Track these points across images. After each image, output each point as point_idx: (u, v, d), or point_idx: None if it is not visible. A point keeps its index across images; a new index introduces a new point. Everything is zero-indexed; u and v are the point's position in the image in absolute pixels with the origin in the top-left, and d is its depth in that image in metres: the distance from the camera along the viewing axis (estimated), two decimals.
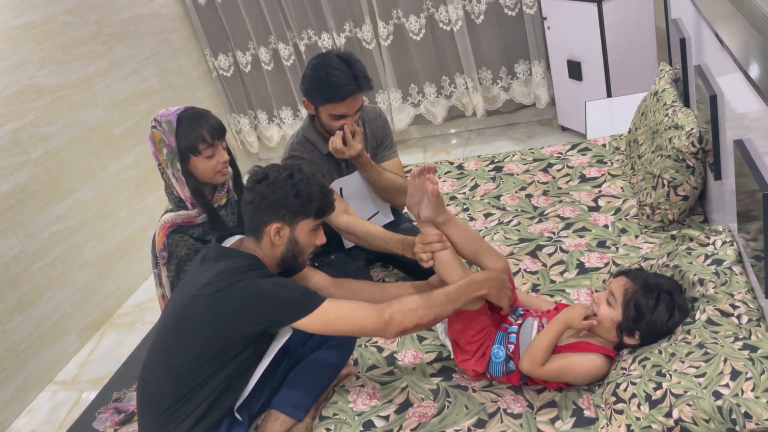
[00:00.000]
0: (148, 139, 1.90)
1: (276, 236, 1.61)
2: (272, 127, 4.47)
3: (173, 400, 1.59)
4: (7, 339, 2.70)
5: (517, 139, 3.97)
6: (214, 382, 1.59)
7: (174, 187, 1.90)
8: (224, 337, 1.55)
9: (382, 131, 2.26)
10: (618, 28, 3.24)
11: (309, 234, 1.66)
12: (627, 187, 2.41)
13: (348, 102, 1.99)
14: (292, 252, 1.65)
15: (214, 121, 1.89)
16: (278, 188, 1.59)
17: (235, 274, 1.55)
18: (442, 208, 1.75)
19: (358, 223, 2.04)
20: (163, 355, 1.62)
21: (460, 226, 1.78)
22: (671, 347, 1.44)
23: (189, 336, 1.57)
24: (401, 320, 1.55)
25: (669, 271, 1.69)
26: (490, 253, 1.75)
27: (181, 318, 1.58)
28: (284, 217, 1.60)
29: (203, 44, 4.26)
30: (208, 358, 1.57)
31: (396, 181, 2.20)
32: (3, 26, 2.85)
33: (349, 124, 2.03)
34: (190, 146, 1.85)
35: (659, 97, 2.32)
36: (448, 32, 3.83)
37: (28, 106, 2.93)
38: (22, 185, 2.84)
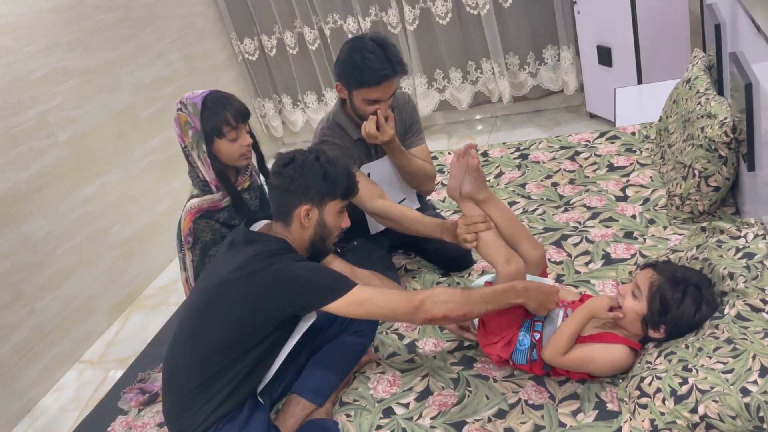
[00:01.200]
0: (174, 121, 1.91)
1: (305, 218, 1.62)
2: (297, 111, 4.46)
3: (198, 382, 1.60)
4: (35, 318, 2.75)
5: (544, 126, 3.91)
6: (240, 365, 1.60)
7: (199, 169, 1.91)
8: (254, 320, 1.56)
9: (410, 117, 2.24)
10: (650, 12, 3.16)
11: (336, 216, 1.67)
12: (656, 177, 2.36)
13: (383, 87, 1.97)
14: (321, 235, 1.66)
15: (238, 105, 1.90)
16: (306, 171, 1.60)
17: (267, 258, 1.56)
18: (483, 184, 1.74)
19: (393, 206, 2.02)
20: (190, 338, 1.63)
21: (501, 206, 1.76)
22: (698, 342, 1.41)
23: (218, 319, 1.58)
24: (430, 308, 1.55)
25: (698, 264, 1.66)
26: (528, 240, 1.73)
27: (210, 301, 1.60)
28: (313, 199, 1.61)
29: (229, 28, 4.26)
30: (235, 341, 1.58)
31: (424, 168, 2.19)
32: (32, 9, 2.88)
33: (383, 109, 2.01)
34: (214, 129, 1.85)
35: (692, 84, 2.26)
36: (475, 16, 3.77)
37: (57, 88, 2.96)
38: (50, 167, 2.88)
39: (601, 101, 3.59)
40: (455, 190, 1.76)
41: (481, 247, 1.72)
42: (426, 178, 2.21)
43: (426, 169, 2.19)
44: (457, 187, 1.75)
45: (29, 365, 2.70)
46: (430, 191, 2.30)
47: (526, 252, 1.71)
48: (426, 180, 2.21)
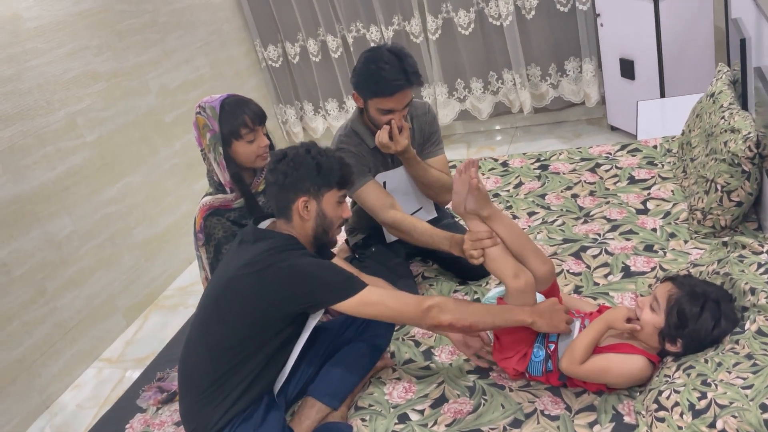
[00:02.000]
0: (193, 125, 1.95)
1: (304, 210, 1.64)
2: (317, 118, 4.50)
3: (213, 379, 1.62)
4: (57, 316, 2.80)
5: (565, 137, 3.90)
6: (254, 361, 1.62)
7: (214, 171, 1.95)
8: (265, 315, 1.58)
9: (430, 127, 2.25)
10: (674, 26, 3.15)
11: (335, 206, 1.68)
12: (678, 191, 2.34)
13: (396, 97, 1.99)
14: (322, 226, 1.68)
15: (255, 108, 1.94)
16: (299, 164, 1.63)
17: (277, 253, 1.58)
18: (486, 202, 1.74)
19: (404, 218, 2.04)
20: (204, 335, 1.65)
21: (507, 222, 1.76)
22: (718, 357, 1.40)
23: (229, 315, 1.60)
24: (438, 314, 1.57)
25: (719, 278, 1.64)
26: (536, 255, 1.72)
27: (222, 298, 1.62)
28: (309, 191, 1.64)
29: (253, 35, 4.31)
30: (247, 337, 1.60)
31: (441, 179, 2.19)
32: (62, 13, 2.94)
33: (397, 119, 2.02)
34: (233, 131, 1.89)
35: (716, 98, 2.25)
36: (498, 27, 3.78)
37: (85, 91, 3.02)
38: (76, 167, 2.94)
39: (623, 114, 3.58)
40: (460, 206, 1.76)
41: (489, 263, 1.73)
42: (442, 189, 2.21)
43: (442, 180, 2.20)
44: (462, 204, 1.75)
45: (49, 362, 2.74)
46: (446, 202, 2.29)
47: (534, 267, 1.70)
48: (442, 191, 2.21)
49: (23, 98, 2.71)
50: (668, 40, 3.16)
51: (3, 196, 2.60)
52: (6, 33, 2.67)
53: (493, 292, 1.83)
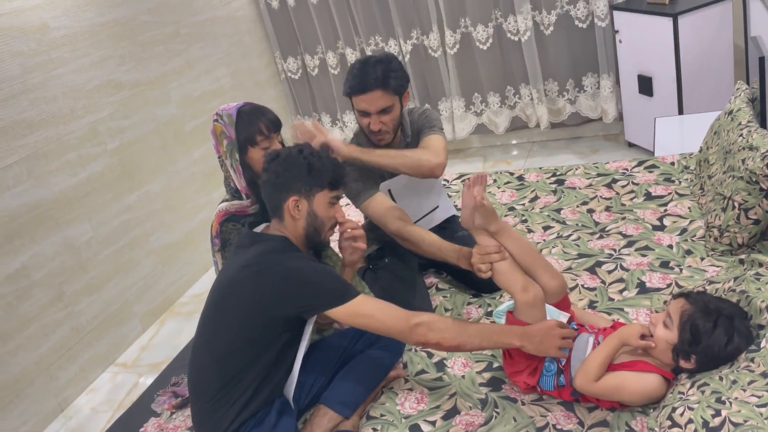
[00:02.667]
0: (210, 132, 2.00)
1: (295, 209, 1.66)
2: (335, 130, 4.54)
3: (220, 385, 1.64)
4: (74, 320, 2.84)
5: (581, 153, 3.90)
6: (257, 366, 1.63)
7: (231, 178, 1.98)
8: (261, 319, 1.59)
9: (419, 120, 2.22)
10: (693, 44, 3.14)
11: (327, 207, 1.70)
12: (695, 208, 2.33)
13: (368, 97, 2.02)
14: (314, 226, 1.69)
15: (271, 115, 1.99)
16: (290, 164, 1.66)
17: (273, 255, 1.61)
18: (493, 218, 1.74)
19: (412, 229, 2.05)
20: (207, 341, 1.68)
21: (516, 237, 1.76)
22: (733, 374, 1.39)
23: (229, 319, 1.62)
24: (425, 333, 1.57)
25: (735, 296, 1.63)
26: (546, 269, 1.73)
27: (221, 302, 1.64)
28: (300, 190, 1.66)
29: (274, 47, 4.37)
30: (247, 342, 1.61)
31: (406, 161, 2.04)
32: (88, 23, 3.01)
33: (373, 124, 2.06)
34: (249, 138, 1.93)
35: (734, 116, 2.24)
36: (516, 42, 3.80)
37: (108, 99, 3.08)
38: (97, 174, 2.99)
39: (641, 130, 3.57)
40: (469, 220, 1.76)
41: (497, 277, 1.73)
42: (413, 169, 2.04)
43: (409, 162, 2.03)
44: (470, 218, 1.76)
45: (66, 365, 2.78)
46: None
47: (544, 281, 1.70)
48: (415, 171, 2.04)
49: (48, 105, 2.77)
50: (687, 58, 3.15)
51: (25, 201, 2.65)
52: (34, 42, 2.73)
53: (504, 306, 1.83)
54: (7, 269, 2.56)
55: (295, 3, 4.18)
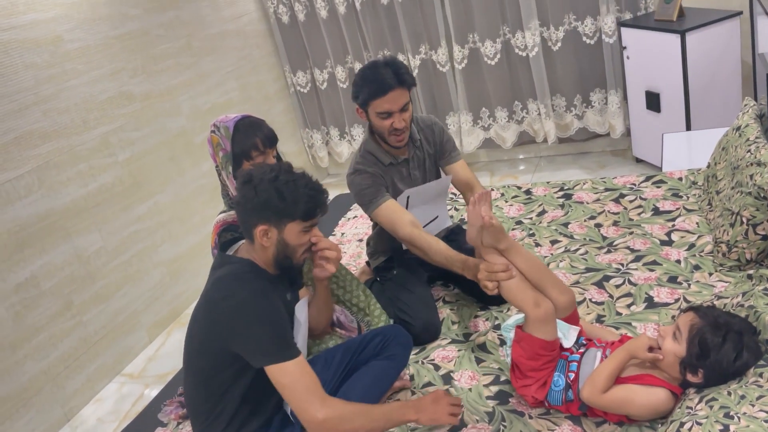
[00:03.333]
0: (207, 141, 2.02)
1: (264, 238, 1.59)
2: (343, 143, 4.56)
3: (210, 405, 1.63)
4: (82, 330, 2.85)
5: (589, 168, 3.90)
6: (242, 385, 1.61)
7: (228, 188, 2.01)
8: (221, 347, 1.56)
9: (440, 137, 2.31)
10: (701, 60, 3.16)
11: (299, 235, 1.62)
12: (703, 223, 2.33)
13: (390, 96, 2.05)
14: (284, 253, 1.62)
15: (267, 131, 1.99)
16: (261, 190, 1.56)
17: (232, 281, 1.58)
18: (502, 235, 1.74)
19: (421, 235, 2.06)
20: (190, 363, 1.67)
21: (524, 253, 1.76)
22: (741, 389, 1.38)
23: (198, 345, 1.61)
24: (335, 426, 1.51)
25: (743, 311, 1.63)
26: (555, 285, 1.73)
27: (192, 327, 1.64)
28: (270, 219, 1.57)
29: (283, 61, 4.41)
30: (224, 363, 1.58)
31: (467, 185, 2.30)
32: (102, 36, 3.05)
33: (397, 122, 2.08)
34: (244, 152, 1.94)
35: (742, 132, 2.25)
36: (524, 58, 3.82)
37: (119, 111, 3.11)
38: (108, 185, 3.02)
39: (648, 146, 3.58)
40: (476, 239, 1.76)
41: (506, 294, 1.72)
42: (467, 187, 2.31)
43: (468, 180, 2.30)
44: (478, 236, 1.75)
45: (73, 375, 2.79)
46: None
47: (553, 297, 1.70)
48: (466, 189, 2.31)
49: (61, 116, 2.81)
50: (695, 74, 3.17)
51: (36, 211, 2.68)
52: (48, 54, 2.78)
53: (512, 320, 1.82)
54: (16, 278, 2.58)
55: (305, 18, 4.22)
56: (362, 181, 2.16)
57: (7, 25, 2.61)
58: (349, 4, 4.06)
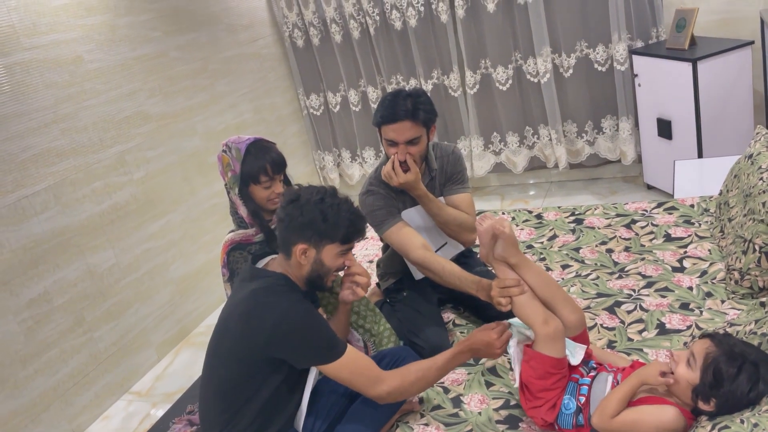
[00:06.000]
0: (217, 159, 2.05)
1: (302, 256, 1.66)
2: (354, 165, 4.60)
3: (226, 418, 1.65)
4: (93, 346, 2.86)
5: (600, 194, 3.91)
6: (261, 399, 1.63)
7: (237, 206, 2.02)
8: (256, 357, 1.60)
9: (453, 167, 2.29)
10: (712, 88, 3.17)
11: (335, 257, 1.70)
12: (715, 250, 2.32)
13: (397, 126, 2.06)
14: (318, 272, 1.70)
15: (277, 156, 2.03)
16: (307, 211, 1.64)
17: (270, 295, 1.62)
18: (515, 249, 1.75)
19: (433, 258, 2.06)
20: (211, 374, 1.69)
21: (536, 269, 1.76)
22: (754, 417, 1.37)
23: (227, 354, 1.64)
24: (400, 395, 1.67)
25: (756, 339, 1.62)
26: (566, 303, 1.72)
27: (221, 337, 1.67)
28: (310, 239, 1.65)
29: (297, 84, 4.47)
30: (248, 376, 1.62)
31: (458, 217, 2.21)
32: (120, 57, 3.12)
33: (400, 153, 2.09)
34: (252, 175, 1.99)
35: (754, 160, 2.25)
36: (535, 84, 3.86)
37: (136, 130, 3.16)
38: (123, 203, 3.05)
39: (660, 173, 3.58)
40: (488, 253, 1.78)
41: (517, 310, 1.72)
42: (460, 227, 2.21)
43: (460, 218, 2.20)
44: (490, 249, 1.77)
45: (82, 391, 2.79)
46: (469, 242, 2.28)
47: (564, 315, 1.70)
48: (461, 230, 2.21)
49: (79, 135, 2.86)
50: (706, 102, 3.18)
51: (52, 227, 2.71)
52: (68, 74, 2.83)
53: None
54: (30, 294, 2.60)
55: (320, 42, 4.29)
56: (374, 202, 2.17)
57: (29, 44, 2.68)
58: (363, 29, 4.12)
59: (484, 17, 3.79)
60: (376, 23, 4.05)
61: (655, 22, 3.54)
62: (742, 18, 3.36)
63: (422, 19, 3.93)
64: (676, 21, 3.29)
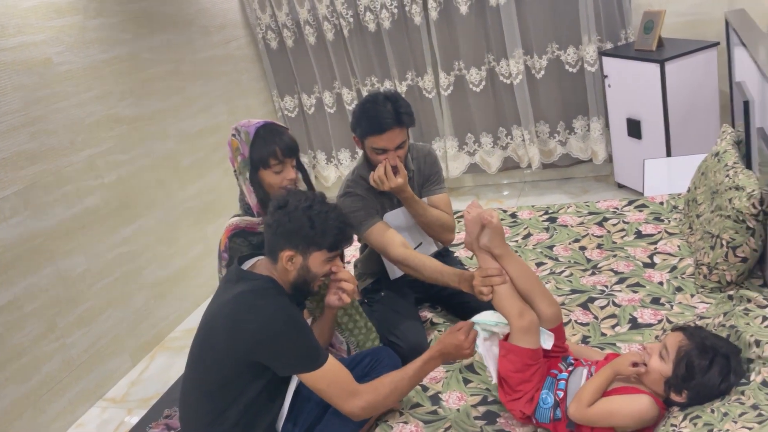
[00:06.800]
0: (227, 144, 1.98)
1: (288, 263, 1.65)
2: (330, 167, 4.60)
3: (209, 420, 1.64)
4: (65, 353, 2.81)
5: (572, 193, 3.97)
6: (244, 401, 1.63)
7: (245, 193, 1.99)
8: (239, 360, 1.59)
9: (430, 168, 2.32)
10: (680, 88, 3.24)
11: (322, 264, 1.69)
12: (684, 246, 2.38)
13: (387, 135, 2.07)
14: (304, 278, 1.69)
15: (288, 140, 1.95)
16: (295, 217, 1.63)
17: (256, 298, 1.61)
18: (500, 238, 1.78)
19: (413, 255, 2.08)
20: (194, 377, 1.68)
21: (518, 261, 1.80)
22: (724, 407, 1.41)
23: (211, 356, 1.63)
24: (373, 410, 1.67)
25: (725, 330, 1.66)
26: (543, 296, 1.76)
27: (205, 339, 1.66)
28: (297, 246, 1.64)
29: (271, 86, 4.46)
30: (231, 379, 1.61)
31: (441, 218, 2.24)
32: (91, 59, 3.07)
33: (391, 159, 2.10)
34: (262, 159, 1.91)
35: (720, 157, 2.31)
36: (508, 85, 3.90)
37: (107, 134, 3.12)
38: (94, 207, 3.01)
39: (630, 172, 3.65)
40: (474, 241, 1.81)
41: (496, 300, 1.76)
42: (442, 228, 2.25)
43: (442, 219, 2.24)
44: (476, 238, 1.80)
45: (55, 398, 2.74)
46: (448, 241, 2.33)
47: (541, 308, 1.73)
48: (442, 230, 2.26)
49: (49, 138, 2.81)
50: (674, 102, 3.25)
51: (21, 233, 2.66)
52: (38, 76, 2.79)
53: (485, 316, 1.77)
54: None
55: (294, 44, 4.28)
56: (353, 203, 2.18)
57: None
58: (337, 30, 4.13)
59: (457, 19, 3.83)
60: (350, 25, 4.06)
61: (623, 24, 3.61)
62: (708, 20, 3.45)
63: (396, 21, 3.95)
64: (644, 23, 3.37)
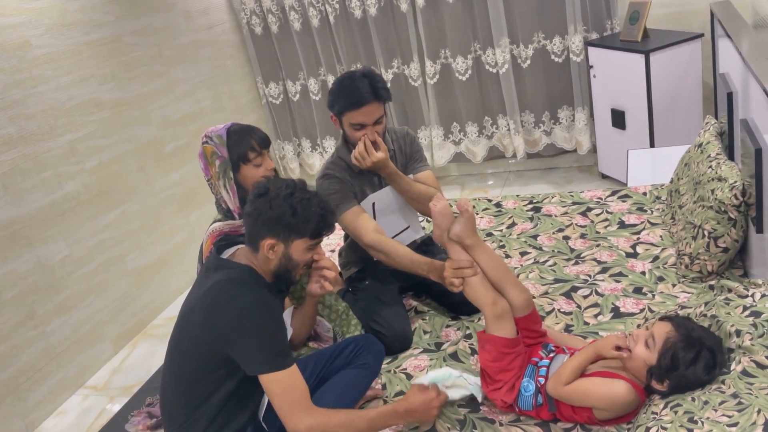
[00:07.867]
0: (199, 156, 2.00)
1: (270, 251, 1.63)
2: (314, 155, 4.57)
3: (188, 410, 1.62)
4: (45, 341, 2.78)
5: (556, 183, 3.98)
6: (223, 392, 1.61)
7: (224, 199, 1.98)
8: (214, 351, 1.57)
9: (410, 147, 2.34)
10: (664, 80, 3.26)
11: (303, 252, 1.67)
12: (666, 236, 2.40)
13: (365, 110, 2.08)
14: (286, 266, 1.67)
15: (260, 132, 2.02)
16: (276, 205, 1.60)
17: (232, 288, 1.59)
18: (472, 229, 1.79)
19: (385, 240, 2.09)
20: (173, 367, 1.67)
21: (488, 252, 1.81)
22: (704, 395, 1.43)
23: (188, 347, 1.61)
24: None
25: (706, 320, 1.68)
26: (514, 284, 1.78)
27: (182, 329, 1.64)
28: (279, 234, 1.62)
29: (256, 72, 4.41)
30: (209, 369, 1.59)
31: (428, 191, 2.24)
32: (71, 42, 3.02)
33: (369, 134, 2.11)
34: (241, 155, 1.95)
35: (703, 149, 2.33)
36: (494, 74, 3.90)
37: (88, 118, 3.07)
38: (75, 193, 2.97)
39: (614, 162, 3.67)
40: (443, 234, 1.82)
41: (468, 291, 1.78)
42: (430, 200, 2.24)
43: (430, 192, 2.24)
44: (445, 230, 1.81)
45: (35, 387, 2.71)
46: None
47: (512, 296, 1.76)
48: (421, 206, 2.26)
49: (27, 123, 2.76)
50: (658, 93, 3.27)
51: (0, 218, 2.61)
52: (15, 59, 2.73)
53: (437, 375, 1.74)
54: None
55: (279, 29, 4.24)
56: (330, 186, 2.17)
57: None
58: (322, 17, 4.09)
59: (443, 7, 3.81)
60: (336, 11, 4.02)
61: (609, 14, 3.61)
62: (693, 11, 3.46)
63: (382, 8, 3.92)
64: (629, 14, 3.37)
